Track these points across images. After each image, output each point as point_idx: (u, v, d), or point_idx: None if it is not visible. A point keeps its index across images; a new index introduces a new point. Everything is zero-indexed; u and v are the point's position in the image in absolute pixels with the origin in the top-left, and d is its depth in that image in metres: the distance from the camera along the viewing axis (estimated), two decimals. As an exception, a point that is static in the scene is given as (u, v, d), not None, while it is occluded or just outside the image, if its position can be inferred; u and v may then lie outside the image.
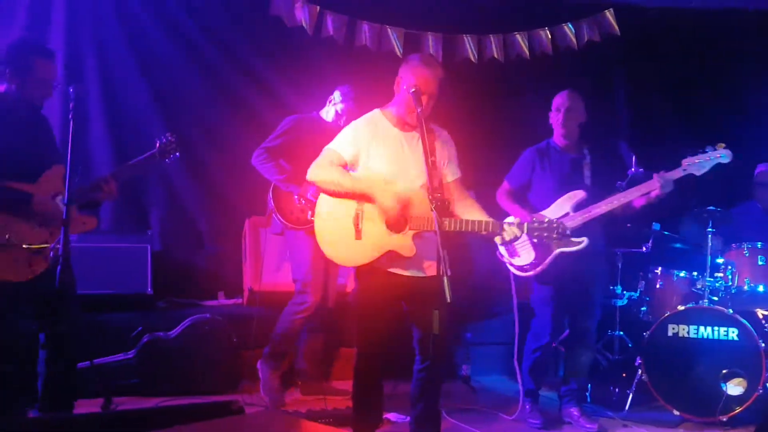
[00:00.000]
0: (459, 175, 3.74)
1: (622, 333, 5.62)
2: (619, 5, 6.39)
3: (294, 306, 4.82)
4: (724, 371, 4.63)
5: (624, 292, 5.52)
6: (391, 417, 4.52)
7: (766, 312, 4.97)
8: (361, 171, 3.62)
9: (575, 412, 4.70)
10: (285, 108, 5.89)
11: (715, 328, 4.72)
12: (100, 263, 5.38)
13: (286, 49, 6.28)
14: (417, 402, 3.72)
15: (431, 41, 6.20)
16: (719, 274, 4.96)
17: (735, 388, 4.59)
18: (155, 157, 4.09)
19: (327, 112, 4.96)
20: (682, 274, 5.15)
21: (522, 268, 4.57)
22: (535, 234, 3.55)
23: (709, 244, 4.94)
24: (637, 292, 5.39)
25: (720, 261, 5.01)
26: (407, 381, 3.78)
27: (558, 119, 4.68)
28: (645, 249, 5.50)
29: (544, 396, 4.90)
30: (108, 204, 5.68)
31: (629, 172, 4.62)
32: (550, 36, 6.28)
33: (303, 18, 5.94)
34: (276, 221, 4.88)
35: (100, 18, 5.98)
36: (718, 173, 4.45)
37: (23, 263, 3.65)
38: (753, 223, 5.40)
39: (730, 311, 4.71)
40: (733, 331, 4.68)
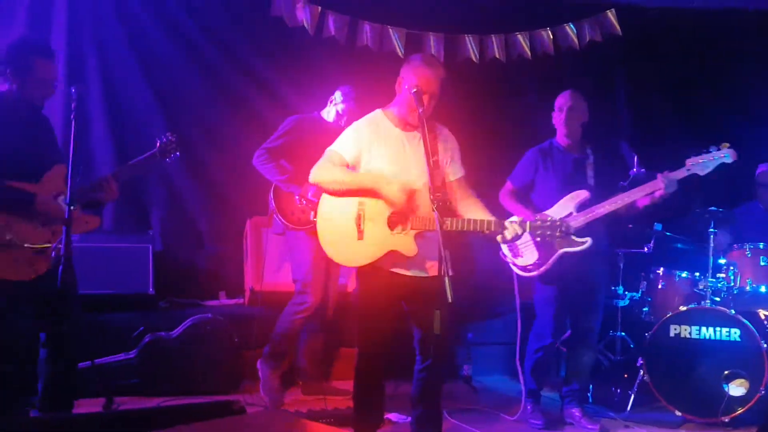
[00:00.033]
0: (462, 174, 3.72)
1: (623, 333, 5.62)
2: (621, 5, 6.38)
3: (294, 306, 4.82)
4: (726, 372, 4.62)
5: (626, 292, 5.52)
6: (393, 417, 4.52)
7: (768, 312, 4.97)
8: (366, 170, 3.61)
9: (577, 412, 4.69)
10: (286, 108, 5.89)
11: (717, 328, 4.71)
12: (101, 263, 5.39)
13: (287, 50, 6.27)
14: (418, 402, 3.72)
15: (433, 41, 6.19)
16: (721, 274, 4.94)
17: (737, 388, 4.58)
18: (156, 157, 4.10)
19: (328, 112, 4.96)
20: (684, 274, 5.14)
21: (525, 268, 4.56)
22: (538, 232, 3.52)
23: (712, 244, 4.94)
24: (639, 292, 5.38)
25: (722, 261, 5.00)
26: (409, 381, 3.78)
27: (560, 119, 4.67)
28: (647, 249, 5.50)
29: (545, 396, 4.90)
30: (109, 204, 5.68)
31: (631, 172, 4.61)
32: (551, 36, 6.27)
33: (304, 18, 5.93)
34: (277, 221, 4.88)
35: (101, 18, 5.99)
36: (720, 173, 4.44)
37: (25, 263, 3.65)
38: (755, 224, 5.39)
39: (732, 312, 4.70)
40: (735, 332, 4.67)
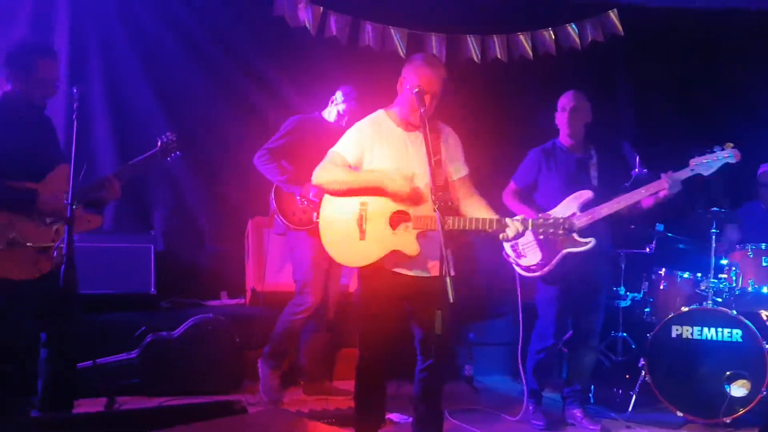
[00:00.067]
0: (465, 173, 3.71)
1: (625, 334, 5.62)
2: (623, 5, 6.37)
3: (294, 306, 4.82)
4: (727, 373, 4.61)
5: (627, 293, 5.51)
6: (394, 417, 4.52)
7: (770, 313, 4.96)
8: (368, 169, 3.60)
9: (578, 413, 4.69)
10: (288, 108, 5.89)
11: (719, 329, 4.70)
12: (103, 263, 5.39)
13: (289, 50, 6.28)
14: (419, 402, 3.71)
15: (434, 41, 6.19)
16: (723, 275, 4.93)
17: (739, 389, 4.58)
18: (157, 156, 4.10)
19: (329, 112, 4.96)
20: (685, 275, 5.13)
21: (529, 268, 4.55)
22: (541, 230, 3.49)
23: (714, 245, 4.93)
24: (641, 293, 5.38)
25: (724, 262, 4.99)
26: (410, 381, 3.77)
27: (563, 119, 4.66)
28: (648, 250, 5.49)
29: (547, 397, 4.89)
30: (111, 204, 5.67)
31: (633, 172, 4.61)
32: (553, 36, 6.27)
33: (306, 18, 5.93)
34: (278, 222, 4.88)
35: (103, 18, 5.99)
36: (723, 174, 4.43)
37: (30, 262, 3.65)
38: (757, 224, 5.38)
39: (733, 312, 4.69)
40: (737, 333, 4.66)
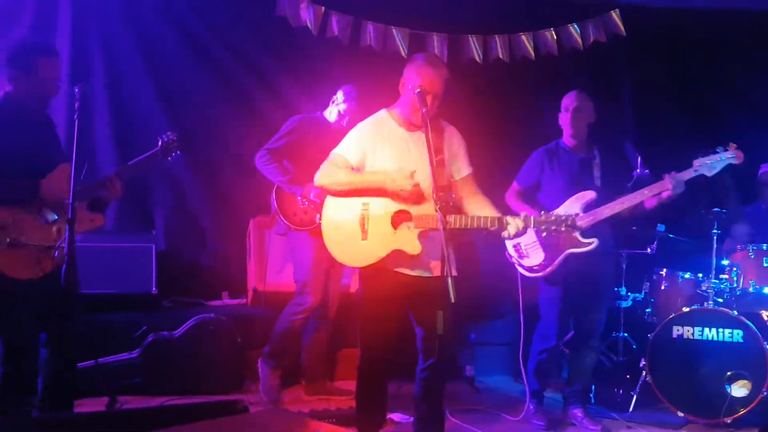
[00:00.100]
0: (469, 172, 3.70)
1: (626, 334, 5.62)
2: (625, 5, 6.37)
3: (293, 306, 4.83)
4: (728, 373, 4.61)
5: (628, 293, 5.51)
6: (395, 417, 4.52)
7: (771, 314, 4.96)
8: (370, 170, 3.61)
9: (579, 413, 4.69)
10: (290, 108, 5.89)
11: (720, 329, 4.70)
12: (104, 263, 5.39)
13: (291, 49, 6.28)
14: (421, 402, 3.71)
15: (436, 41, 6.19)
16: (724, 275, 4.94)
17: (739, 389, 4.58)
18: (158, 156, 4.11)
19: (330, 112, 4.95)
20: (687, 275, 5.13)
21: (531, 269, 4.55)
22: (543, 227, 3.46)
23: (714, 246, 4.93)
24: (642, 293, 5.38)
25: (725, 263, 5.00)
26: (412, 381, 3.78)
27: (566, 119, 4.66)
28: (650, 250, 5.49)
29: (548, 397, 4.89)
30: (113, 204, 5.67)
31: (634, 173, 4.60)
32: (555, 36, 6.27)
33: (308, 18, 5.94)
34: (280, 222, 4.88)
35: (105, 18, 6.00)
36: (732, 173, 4.42)
37: (33, 261, 3.65)
38: (758, 224, 5.38)
39: (734, 313, 4.69)
40: (738, 333, 4.66)
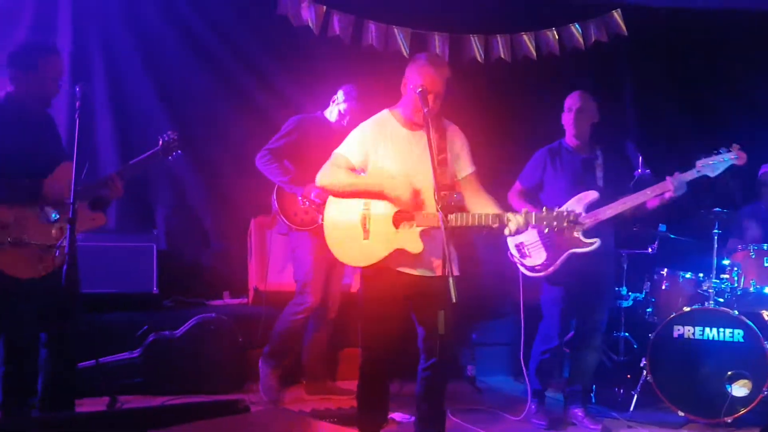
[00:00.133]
0: (472, 171, 3.70)
1: (627, 334, 5.61)
2: (626, 5, 6.37)
3: (294, 306, 4.83)
4: (729, 373, 4.62)
5: (629, 293, 5.51)
6: (396, 417, 4.52)
7: (772, 314, 4.96)
8: (372, 172, 3.61)
9: (580, 413, 4.69)
10: (291, 107, 5.89)
11: (721, 329, 4.70)
12: (105, 262, 5.39)
13: (292, 49, 6.28)
14: (422, 402, 3.71)
15: (438, 41, 6.19)
16: (725, 275, 4.94)
17: (740, 389, 4.58)
18: (158, 155, 4.11)
19: (330, 111, 4.95)
20: (687, 275, 5.13)
21: (533, 268, 4.54)
22: (544, 223, 3.45)
23: (715, 246, 4.93)
24: (643, 293, 5.38)
25: (726, 262, 5.00)
26: (413, 381, 3.78)
27: (569, 119, 4.66)
28: (651, 250, 5.49)
29: (549, 397, 4.89)
30: (114, 203, 5.68)
31: (636, 173, 4.60)
32: (557, 36, 6.27)
33: (309, 17, 5.94)
34: (281, 222, 4.88)
35: (106, 17, 6.00)
36: (738, 174, 4.42)
37: (36, 260, 3.66)
38: (759, 224, 5.38)
39: (735, 313, 4.69)
40: (739, 333, 4.66)
